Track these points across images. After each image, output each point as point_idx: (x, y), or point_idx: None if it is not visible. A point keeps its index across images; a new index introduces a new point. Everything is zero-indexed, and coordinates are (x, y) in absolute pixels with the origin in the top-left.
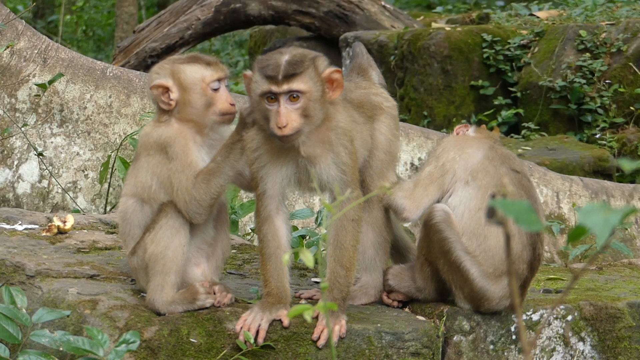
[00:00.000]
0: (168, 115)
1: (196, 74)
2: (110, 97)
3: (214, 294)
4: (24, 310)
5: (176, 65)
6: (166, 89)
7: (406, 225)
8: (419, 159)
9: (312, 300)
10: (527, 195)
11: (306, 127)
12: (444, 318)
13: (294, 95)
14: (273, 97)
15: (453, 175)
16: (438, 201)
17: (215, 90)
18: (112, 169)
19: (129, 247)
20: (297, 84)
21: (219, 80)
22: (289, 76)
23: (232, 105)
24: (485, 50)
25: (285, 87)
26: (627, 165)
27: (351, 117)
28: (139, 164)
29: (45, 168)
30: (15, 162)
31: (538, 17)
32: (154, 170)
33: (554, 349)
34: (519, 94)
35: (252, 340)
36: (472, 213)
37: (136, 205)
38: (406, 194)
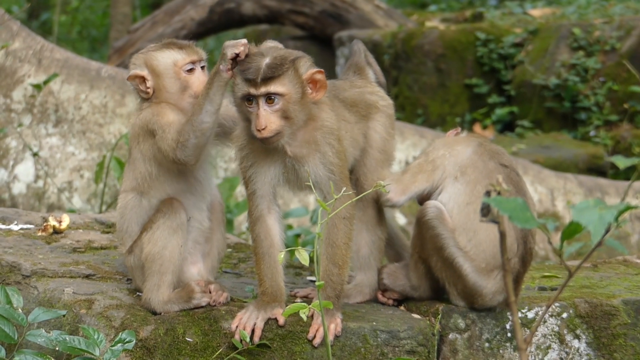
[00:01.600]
0: (148, 102)
1: (168, 59)
2: (105, 97)
3: (210, 292)
4: (19, 310)
5: (149, 53)
6: (142, 78)
7: (390, 207)
8: (414, 157)
9: (307, 299)
10: (516, 190)
11: (287, 129)
12: (439, 316)
13: (271, 98)
14: (252, 99)
15: (443, 172)
16: (429, 198)
17: (190, 72)
18: (108, 168)
19: (126, 244)
20: (274, 87)
21: (193, 62)
22: (267, 79)
23: None
24: (479, 48)
25: (262, 89)
26: (621, 162)
27: (340, 116)
28: (133, 156)
29: (40, 168)
30: (11, 162)
31: (532, 16)
32: (148, 156)
33: (549, 347)
34: (513, 92)
35: (247, 339)
36: (461, 208)
37: (135, 201)
38: (393, 179)
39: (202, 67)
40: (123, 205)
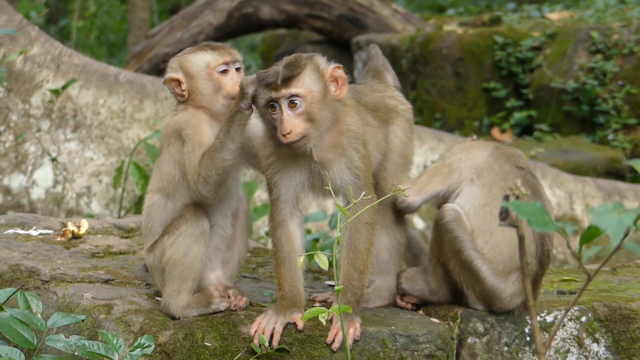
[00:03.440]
0: (184, 105)
1: (201, 61)
2: (123, 102)
3: (229, 297)
4: (39, 315)
5: (184, 56)
6: (177, 82)
7: (405, 207)
8: (432, 161)
9: (326, 303)
10: (533, 192)
11: (313, 132)
12: (458, 320)
13: (294, 102)
14: (275, 104)
15: (459, 175)
16: (446, 202)
17: (223, 73)
18: (126, 173)
19: (148, 243)
20: (295, 88)
21: (226, 64)
22: (287, 79)
23: None
24: (497, 52)
25: (283, 91)
26: None
27: (365, 120)
28: (162, 156)
29: (59, 173)
30: (30, 168)
31: (550, 19)
32: (175, 159)
33: (568, 350)
34: (531, 96)
35: (266, 344)
36: (477, 210)
37: (160, 202)
38: (413, 180)
39: (237, 69)
40: (149, 205)
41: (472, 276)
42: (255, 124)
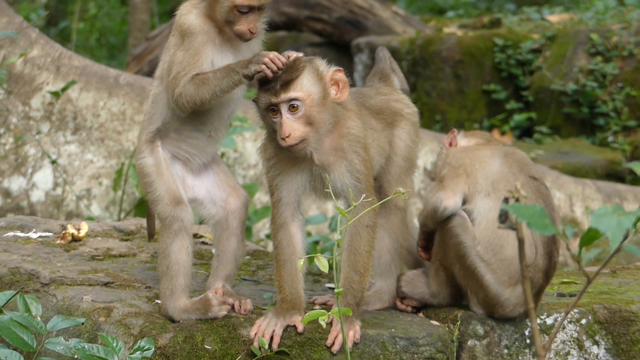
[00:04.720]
0: (202, 6)
1: None
2: (123, 104)
3: (227, 304)
4: (38, 318)
5: None
6: None
7: (449, 214)
8: (432, 163)
9: (326, 306)
10: (545, 204)
11: (313, 135)
12: (458, 323)
13: (294, 106)
14: (275, 108)
15: (475, 182)
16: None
17: (243, 13)
18: (126, 176)
19: (145, 131)
20: (294, 92)
21: (251, 7)
22: (286, 84)
23: (252, 33)
24: (497, 54)
25: (283, 96)
26: (639, 168)
27: (368, 124)
28: (168, 45)
29: (59, 176)
30: (30, 170)
31: (549, 22)
32: (171, 53)
33: (568, 353)
34: (531, 98)
35: (266, 346)
36: (489, 224)
37: (164, 93)
38: (437, 188)
39: (260, 10)
40: (156, 93)
41: (475, 282)
42: None
